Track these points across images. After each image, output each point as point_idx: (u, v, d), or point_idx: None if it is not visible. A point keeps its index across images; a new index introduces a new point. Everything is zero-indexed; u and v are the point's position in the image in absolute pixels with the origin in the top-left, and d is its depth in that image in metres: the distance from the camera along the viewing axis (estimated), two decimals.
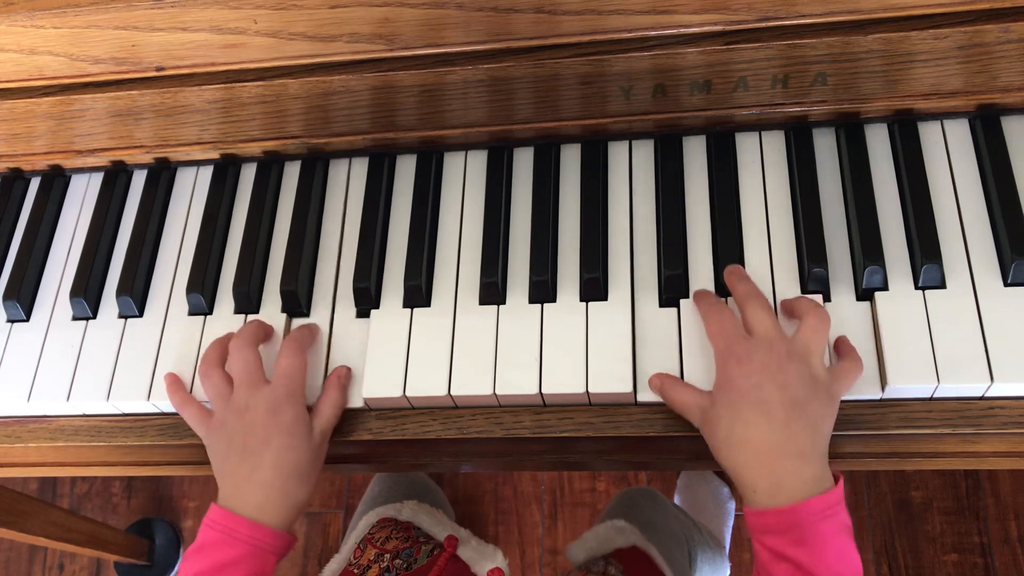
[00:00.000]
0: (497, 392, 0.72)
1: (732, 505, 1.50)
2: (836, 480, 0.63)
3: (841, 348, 0.69)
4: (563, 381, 0.72)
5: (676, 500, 1.52)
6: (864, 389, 0.68)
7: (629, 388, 0.71)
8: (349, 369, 0.75)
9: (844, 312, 0.71)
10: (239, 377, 0.73)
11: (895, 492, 1.52)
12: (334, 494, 1.67)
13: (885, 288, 0.71)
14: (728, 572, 1.28)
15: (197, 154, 0.85)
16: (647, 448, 0.81)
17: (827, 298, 0.72)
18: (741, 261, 0.74)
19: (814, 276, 0.71)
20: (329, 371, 0.75)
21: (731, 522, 1.49)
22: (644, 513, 1.09)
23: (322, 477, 1.66)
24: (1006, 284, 0.69)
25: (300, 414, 0.71)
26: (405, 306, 0.77)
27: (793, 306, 0.70)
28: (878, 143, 0.77)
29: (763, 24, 0.68)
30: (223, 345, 0.75)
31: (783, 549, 0.60)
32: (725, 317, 0.68)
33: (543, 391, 0.72)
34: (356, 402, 0.75)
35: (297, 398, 0.72)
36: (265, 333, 0.76)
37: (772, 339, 0.66)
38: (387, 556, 0.87)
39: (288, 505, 0.70)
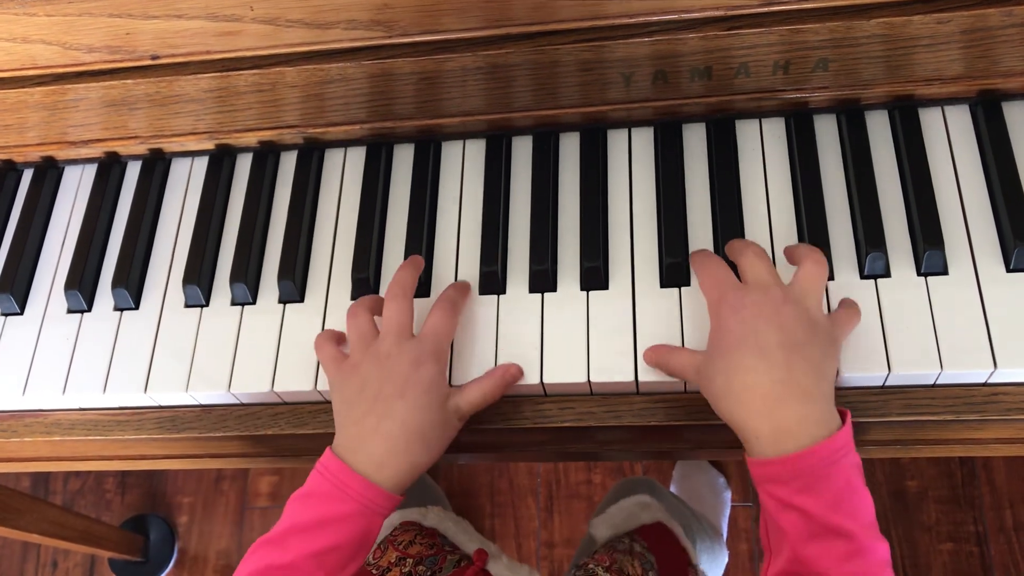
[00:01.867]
0: None
1: (728, 495, 1.50)
2: (843, 419, 0.61)
3: (841, 301, 0.68)
4: (564, 371, 0.71)
5: (672, 490, 1.52)
6: (867, 376, 0.68)
7: (631, 377, 0.70)
8: (520, 369, 0.71)
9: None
10: (389, 324, 0.69)
11: (890, 482, 1.53)
12: None
13: (887, 275, 0.71)
14: (726, 560, 1.28)
15: (192, 144, 0.84)
16: (649, 437, 0.80)
17: None
18: None
19: None
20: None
21: (727, 511, 1.49)
22: (664, 494, 1.08)
23: None
24: (1008, 270, 0.69)
25: (440, 375, 0.68)
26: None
27: (792, 252, 0.69)
28: (879, 130, 0.76)
29: (766, 9, 0.67)
30: (376, 298, 0.73)
31: (790, 498, 0.58)
32: (718, 268, 0.67)
33: (544, 381, 0.71)
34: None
35: (441, 358, 0.69)
36: (413, 282, 0.73)
37: (767, 284, 0.64)
38: (409, 561, 0.86)
39: (408, 465, 0.66)
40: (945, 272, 0.70)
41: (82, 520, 1.45)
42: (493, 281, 0.75)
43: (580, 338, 0.72)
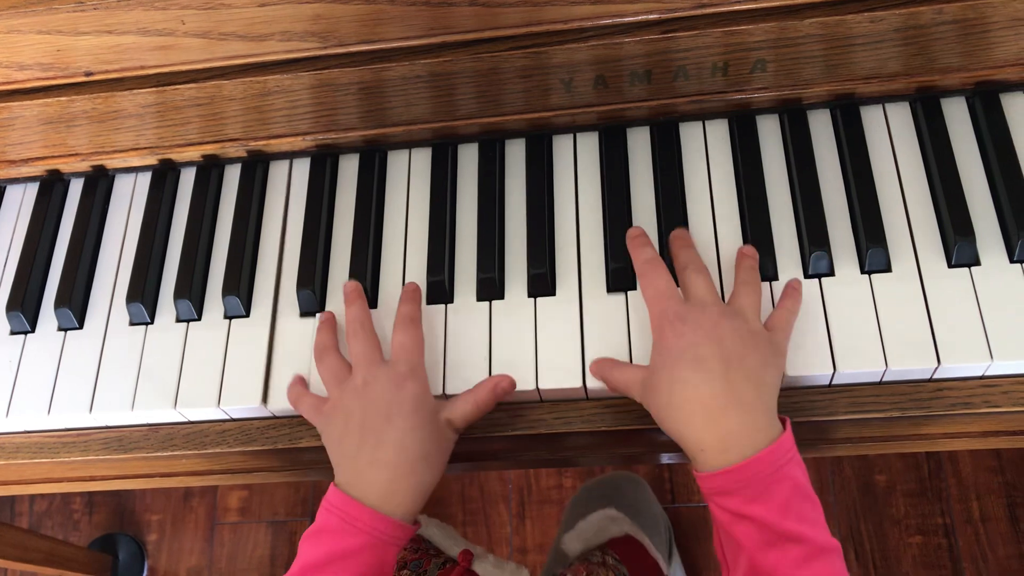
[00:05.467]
0: (447, 392, 0.71)
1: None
2: (784, 426, 0.61)
3: (784, 290, 0.69)
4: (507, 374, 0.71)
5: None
6: (813, 375, 0.68)
7: (579, 383, 0.70)
8: (513, 382, 0.70)
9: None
10: (357, 358, 0.69)
11: (859, 476, 1.53)
12: (299, 502, 1.65)
13: (831, 273, 0.71)
14: None
15: (135, 160, 0.83)
16: (605, 443, 0.80)
17: None
18: None
19: (760, 264, 0.71)
20: (272, 371, 0.74)
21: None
22: (626, 497, 1.08)
23: (286, 485, 1.64)
24: (950, 266, 0.70)
25: (422, 391, 0.68)
26: None
27: (736, 268, 0.70)
28: (821, 128, 0.77)
29: (699, 11, 0.67)
30: (333, 330, 0.73)
31: (740, 508, 0.58)
32: (661, 280, 0.67)
33: None
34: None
35: (418, 374, 0.68)
36: (367, 313, 0.73)
37: (706, 301, 0.65)
38: None
39: (415, 488, 0.65)
40: (888, 269, 0.70)
41: (48, 542, 1.43)
42: (440, 290, 0.75)
43: (528, 345, 0.72)
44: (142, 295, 0.78)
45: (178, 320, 0.78)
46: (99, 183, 0.85)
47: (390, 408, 0.66)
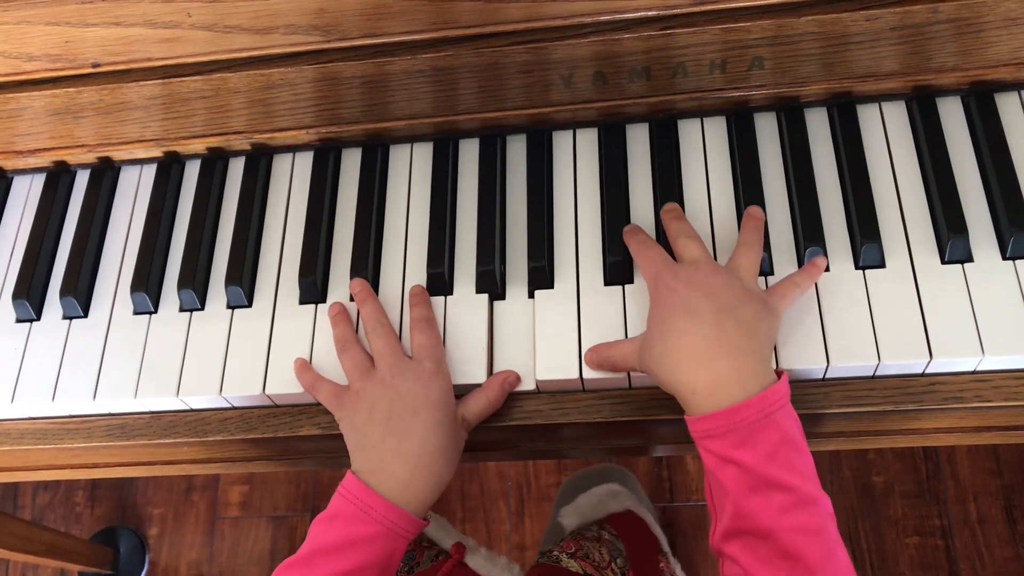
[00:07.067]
0: None
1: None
2: (779, 377, 0.62)
3: (806, 265, 0.71)
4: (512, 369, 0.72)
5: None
6: (807, 368, 0.69)
7: (576, 374, 0.71)
8: (519, 376, 0.72)
9: None
10: (381, 353, 0.70)
11: (857, 477, 1.54)
12: (300, 497, 1.66)
13: (826, 268, 0.71)
14: None
15: (140, 152, 0.84)
16: (601, 434, 0.81)
17: None
18: None
19: None
20: (273, 360, 0.75)
21: None
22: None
23: (286, 480, 1.65)
24: (943, 262, 0.70)
25: (448, 388, 0.69)
26: (353, 299, 0.76)
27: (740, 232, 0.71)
28: (818, 126, 0.77)
29: (698, 8, 0.68)
30: (350, 322, 0.74)
31: (726, 451, 0.58)
32: (654, 251, 0.69)
33: None
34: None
35: (443, 371, 0.70)
36: (382, 309, 0.75)
37: (699, 261, 0.67)
38: None
39: (432, 483, 0.67)
40: (882, 265, 0.71)
41: (50, 534, 1.44)
42: (440, 282, 0.76)
43: (526, 336, 0.73)
44: (146, 285, 0.79)
45: (181, 310, 0.79)
46: (105, 174, 0.86)
47: (416, 402, 0.67)
